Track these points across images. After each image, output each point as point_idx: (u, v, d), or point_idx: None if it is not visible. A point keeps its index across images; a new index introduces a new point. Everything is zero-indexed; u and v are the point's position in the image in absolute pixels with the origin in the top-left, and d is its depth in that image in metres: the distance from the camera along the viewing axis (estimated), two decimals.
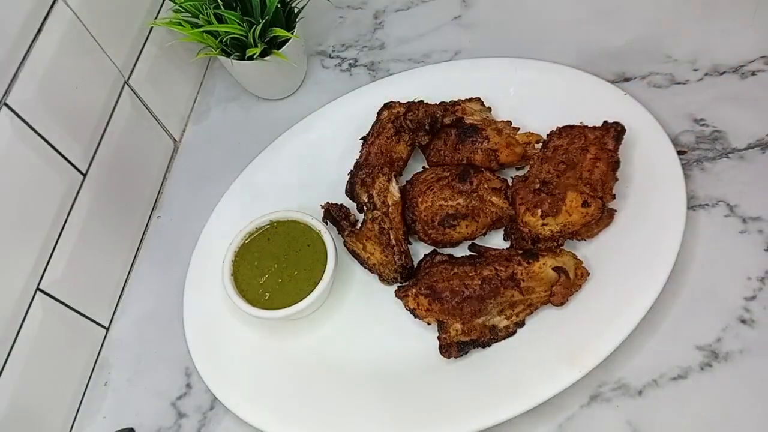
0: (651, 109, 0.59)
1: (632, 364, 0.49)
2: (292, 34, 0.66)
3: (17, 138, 0.50)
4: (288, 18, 0.68)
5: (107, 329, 0.62)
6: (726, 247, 0.53)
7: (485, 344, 0.51)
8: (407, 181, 0.60)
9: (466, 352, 0.51)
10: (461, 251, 0.57)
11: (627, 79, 0.63)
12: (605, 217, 0.53)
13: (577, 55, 0.65)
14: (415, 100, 0.62)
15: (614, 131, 0.56)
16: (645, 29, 0.67)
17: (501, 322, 0.51)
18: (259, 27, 0.63)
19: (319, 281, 0.54)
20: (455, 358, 0.51)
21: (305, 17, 0.70)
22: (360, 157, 0.62)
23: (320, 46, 0.76)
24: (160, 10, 0.69)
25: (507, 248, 0.56)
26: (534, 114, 0.61)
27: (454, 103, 0.62)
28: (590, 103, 0.60)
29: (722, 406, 0.47)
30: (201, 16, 0.64)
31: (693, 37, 0.65)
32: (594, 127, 0.57)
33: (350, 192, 0.61)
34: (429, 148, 0.61)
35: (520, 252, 0.53)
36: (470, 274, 0.51)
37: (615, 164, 0.55)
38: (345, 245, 0.58)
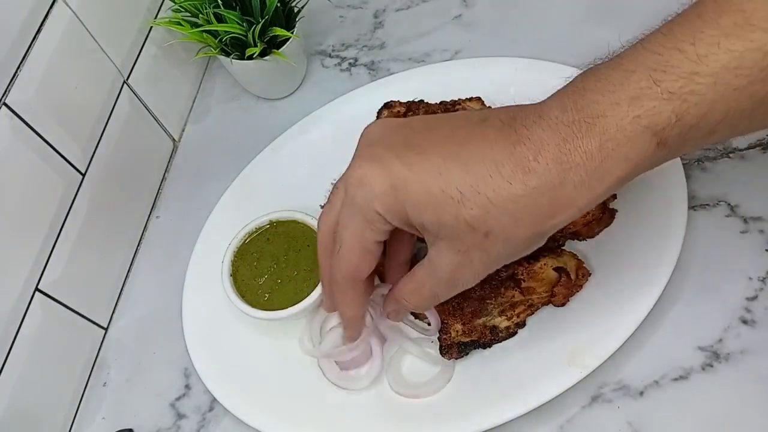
0: None
1: (633, 365, 0.49)
2: (292, 33, 0.66)
3: (16, 138, 0.50)
4: (288, 17, 0.67)
5: (106, 330, 0.61)
6: (727, 248, 0.53)
7: (486, 345, 0.51)
8: None
9: (467, 353, 0.51)
10: None
11: None
12: (606, 216, 0.53)
13: (578, 54, 0.65)
14: (415, 100, 0.62)
15: None
16: (645, 29, 0.66)
17: (502, 322, 0.51)
18: (259, 26, 0.63)
19: (319, 282, 0.54)
20: (456, 358, 0.51)
21: (305, 17, 0.70)
22: None
23: (320, 45, 0.76)
24: (159, 9, 0.69)
25: None
26: None
27: (454, 103, 0.61)
28: None
29: (724, 406, 0.47)
30: (200, 15, 0.64)
31: None
32: None
33: None
34: None
35: None
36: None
37: None
38: None
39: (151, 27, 0.67)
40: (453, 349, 0.50)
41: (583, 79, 0.36)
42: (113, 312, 0.63)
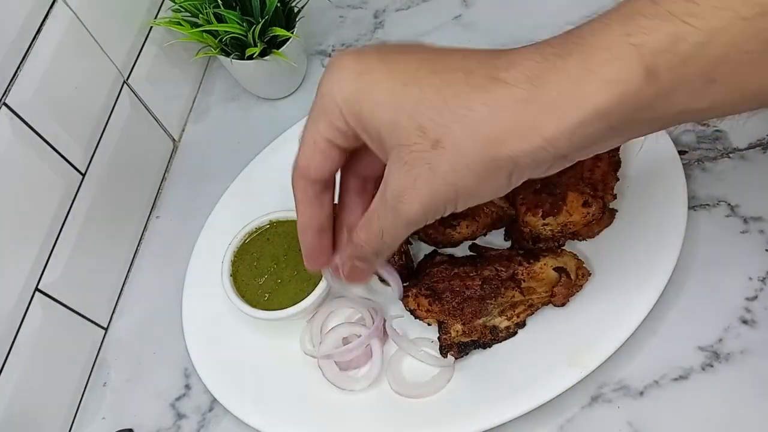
0: None
1: (633, 365, 0.49)
2: (292, 33, 0.66)
3: (16, 138, 0.50)
4: (288, 17, 0.67)
5: (106, 330, 0.61)
6: (727, 248, 0.53)
7: (486, 345, 0.51)
8: None
9: (467, 353, 0.51)
10: (461, 251, 0.57)
11: None
12: (606, 217, 0.53)
13: None
14: None
15: None
16: None
17: (502, 322, 0.51)
18: (259, 26, 0.63)
19: (319, 282, 0.54)
20: (456, 358, 0.51)
21: (305, 17, 0.70)
22: None
23: (320, 45, 0.76)
24: (159, 9, 0.69)
25: (507, 248, 0.56)
26: None
27: None
28: None
29: (724, 406, 0.47)
30: (200, 15, 0.64)
31: None
32: None
33: None
34: None
35: (521, 252, 0.53)
36: (471, 275, 0.51)
37: (616, 164, 0.55)
38: None
39: (151, 27, 0.67)
40: (453, 349, 0.50)
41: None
42: (113, 312, 0.62)
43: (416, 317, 0.53)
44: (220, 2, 0.64)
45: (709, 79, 0.29)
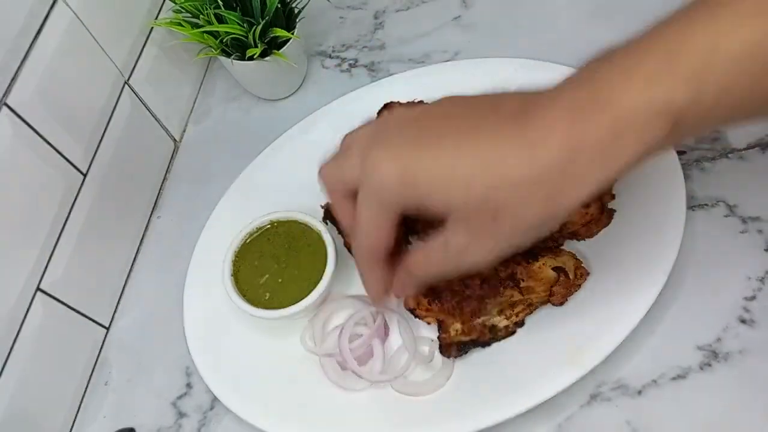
0: None
1: (632, 364, 0.49)
2: (293, 34, 0.66)
3: (17, 138, 0.51)
4: (288, 18, 0.68)
5: (107, 329, 0.62)
6: (726, 247, 0.53)
7: (485, 344, 0.51)
8: None
9: (466, 352, 0.51)
10: None
11: None
12: (605, 216, 0.53)
13: (577, 54, 0.65)
14: (415, 100, 0.62)
15: None
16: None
17: (501, 321, 0.51)
18: (260, 27, 0.63)
19: (320, 281, 0.54)
20: (455, 357, 0.51)
21: (305, 17, 0.70)
22: None
23: (320, 46, 0.76)
24: (160, 10, 0.69)
25: None
26: None
27: None
28: None
29: (722, 406, 0.47)
30: (201, 16, 0.65)
31: None
32: None
33: None
34: None
35: (520, 252, 0.53)
36: (470, 274, 0.51)
37: None
38: (345, 245, 0.58)
39: (152, 28, 0.68)
40: (452, 348, 0.50)
41: (597, 61, 0.35)
42: (115, 311, 0.63)
43: (416, 316, 0.53)
44: (220, 3, 0.64)
45: (727, 119, 0.33)
